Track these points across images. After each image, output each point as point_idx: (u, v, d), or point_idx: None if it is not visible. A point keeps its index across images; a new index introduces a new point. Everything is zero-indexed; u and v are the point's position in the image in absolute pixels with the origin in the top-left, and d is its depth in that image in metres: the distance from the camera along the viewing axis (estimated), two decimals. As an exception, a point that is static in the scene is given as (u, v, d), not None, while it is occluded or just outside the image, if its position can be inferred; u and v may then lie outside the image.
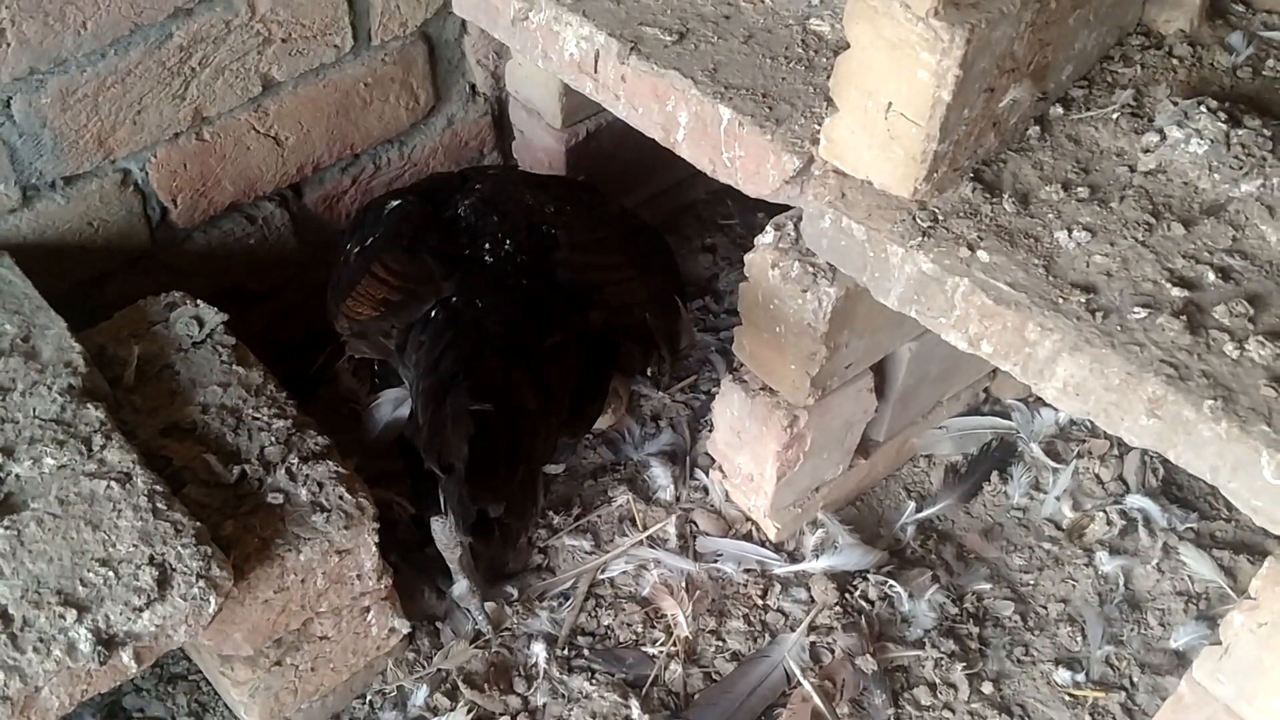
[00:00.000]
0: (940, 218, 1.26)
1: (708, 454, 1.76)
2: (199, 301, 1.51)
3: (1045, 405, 1.87)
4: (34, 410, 1.30)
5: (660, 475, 1.77)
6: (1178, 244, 1.24)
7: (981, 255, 1.22)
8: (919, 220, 1.26)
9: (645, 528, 1.71)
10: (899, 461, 1.81)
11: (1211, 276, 1.19)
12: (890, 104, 1.21)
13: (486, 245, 1.51)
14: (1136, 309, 1.16)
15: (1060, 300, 1.18)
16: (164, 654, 1.20)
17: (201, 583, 1.17)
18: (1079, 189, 1.29)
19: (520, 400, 1.36)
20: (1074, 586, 1.68)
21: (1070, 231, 1.24)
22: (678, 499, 1.75)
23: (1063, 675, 1.58)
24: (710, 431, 1.76)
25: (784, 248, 1.40)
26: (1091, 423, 1.85)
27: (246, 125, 1.67)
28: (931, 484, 1.81)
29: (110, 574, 1.17)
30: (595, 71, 1.50)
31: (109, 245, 1.62)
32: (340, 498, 1.33)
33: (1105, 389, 1.14)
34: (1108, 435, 1.83)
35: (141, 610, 1.14)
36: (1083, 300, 1.18)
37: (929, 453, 1.83)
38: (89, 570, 1.17)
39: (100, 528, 1.20)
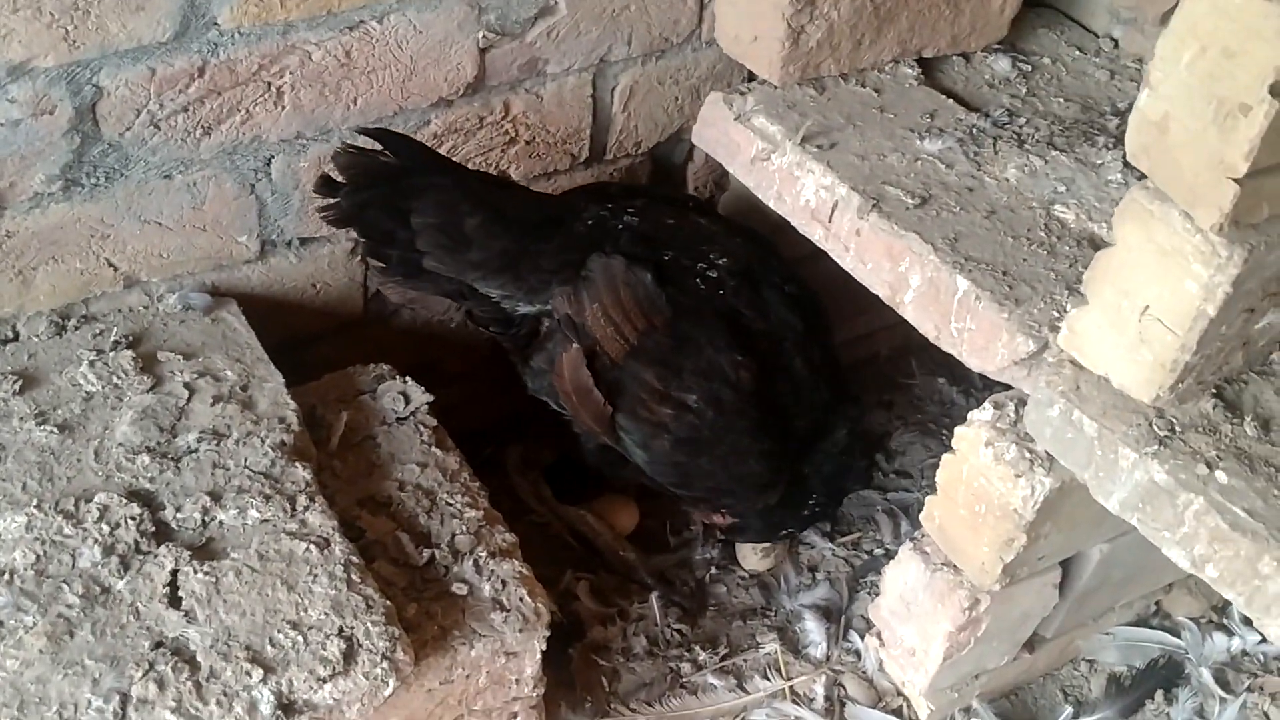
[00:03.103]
0: (1178, 429, 1.23)
1: (864, 617, 1.72)
2: (407, 379, 1.54)
3: (1218, 629, 1.80)
4: (245, 460, 1.32)
5: (813, 630, 1.72)
6: None
7: (1220, 476, 1.18)
8: (1155, 427, 1.23)
9: (789, 679, 1.67)
10: (1060, 661, 1.74)
11: None
12: (1147, 307, 1.19)
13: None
14: (1384, 560, 1.11)
15: (1302, 538, 1.13)
16: (328, 729, 1.19)
17: (385, 663, 1.17)
18: (1323, 421, 1.25)
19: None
20: (1234, 827, 1.59)
21: (1314, 466, 1.20)
22: (828, 658, 1.70)
23: None
24: (868, 593, 1.72)
25: (1002, 428, 1.37)
26: (1265, 655, 1.78)
27: (474, 215, 1.71)
28: (1090, 690, 1.73)
29: (300, 638, 1.17)
30: (829, 221, 1.51)
31: (325, 309, 1.66)
32: (521, 599, 1.33)
33: (1343, 640, 1.09)
34: (1283, 674, 1.74)
35: (325, 681, 1.14)
36: (1327, 542, 1.13)
37: (1092, 657, 1.76)
38: (279, 631, 1.17)
39: (295, 589, 1.21)
